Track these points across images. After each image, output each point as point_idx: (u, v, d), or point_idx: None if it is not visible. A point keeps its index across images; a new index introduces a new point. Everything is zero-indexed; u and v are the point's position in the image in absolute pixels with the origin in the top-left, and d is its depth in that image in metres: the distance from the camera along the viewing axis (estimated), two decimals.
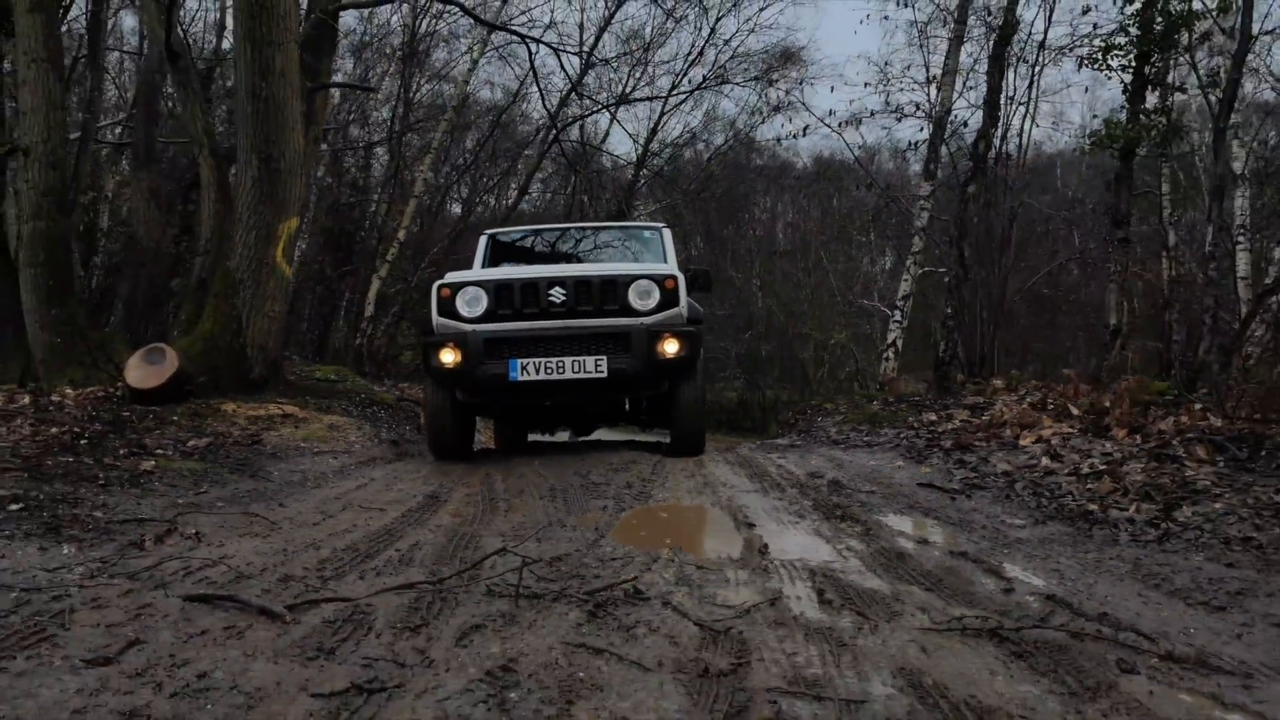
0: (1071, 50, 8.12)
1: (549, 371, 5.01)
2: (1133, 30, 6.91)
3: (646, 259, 6.61)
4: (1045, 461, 4.66)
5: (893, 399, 7.27)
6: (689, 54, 14.87)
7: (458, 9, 10.06)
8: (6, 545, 2.64)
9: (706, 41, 14.36)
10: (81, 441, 5.12)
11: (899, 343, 13.62)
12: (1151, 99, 7.16)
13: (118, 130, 13.52)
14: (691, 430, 5.49)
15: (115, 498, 3.55)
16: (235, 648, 1.85)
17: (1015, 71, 9.05)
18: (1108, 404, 5.39)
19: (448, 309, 5.23)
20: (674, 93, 13.93)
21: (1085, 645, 2.22)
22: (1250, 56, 11.75)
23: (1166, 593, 2.76)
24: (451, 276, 5.48)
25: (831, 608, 2.45)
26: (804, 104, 22.45)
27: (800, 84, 27.82)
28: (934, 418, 6.04)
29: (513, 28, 10.52)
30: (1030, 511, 3.83)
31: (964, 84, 13.92)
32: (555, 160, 13.25)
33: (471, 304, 5.23)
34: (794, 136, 19.93)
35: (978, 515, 3.75)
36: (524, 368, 5.04)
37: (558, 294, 5.18)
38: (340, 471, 4.87)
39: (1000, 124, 7.94)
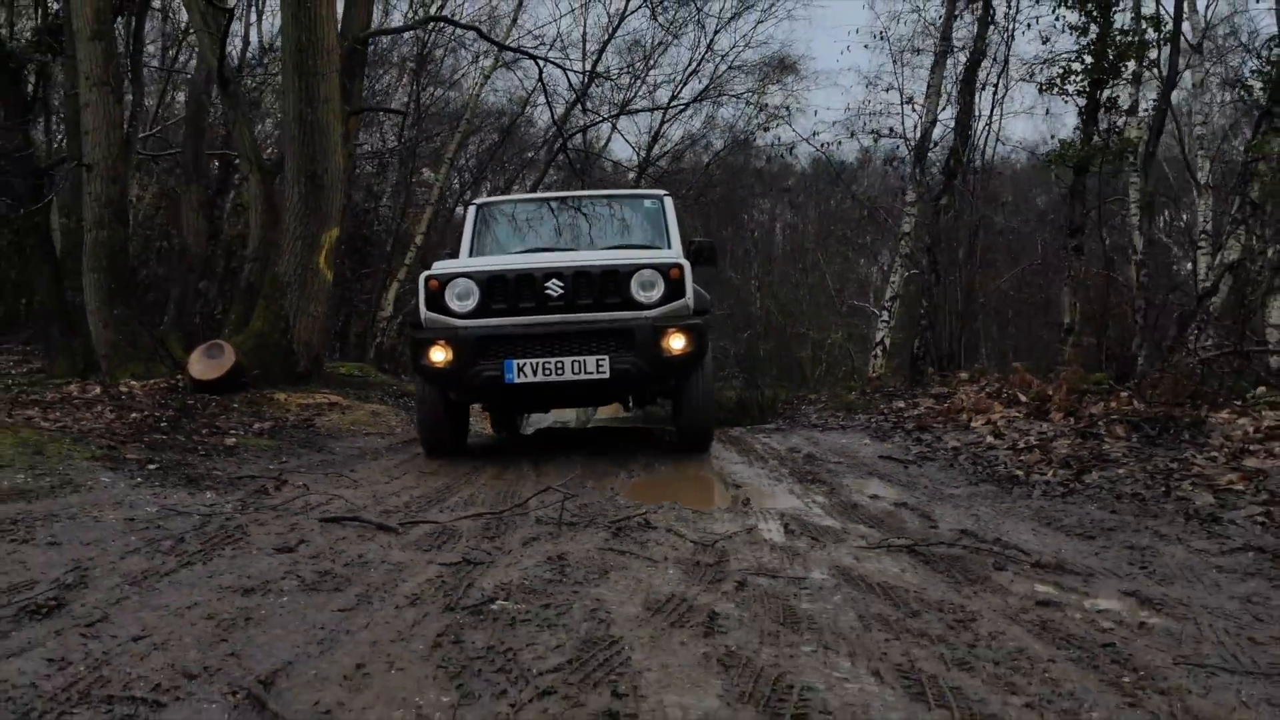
0: (1032, 77, 8.94)
1: (547, 373, 4.65)
2: (1087, 59, 7.71)
3: (648, 233, 6.19)
4: (990, 439, 5.47)
5: (870, 390, 8.07)
6: (687, 66, 15.69)
7: (469, 28, 10.87)
8: (166, 491, 3.45)
9: (703, 57, 15.18)
10: (162, 424, 5.94)
11: (887, 341, 14.45)
12: (1105, 121, 7.98)
13: (149, 141, 14.34)
14: (699, 427, 5.19)
15: (221, 463, 4.37)
16: (372, 544, 2.66)
17: (981, 95, 9.86)
18: (1050, 392, 6.20)
19: (436, 303, 4.81)
20: (673, 104, 14.74)
21: (977, 556, 3.03)
22: (1210, 73, 12.55)
23: (1055, 528, 3.57)
24: (439, 267, 5.02)
25: (793, 535, 3.26)
26: (790, 124, 23.14)
27: (793, 95, 28.58)
28: (902, 405, 6.85)
29: (523, 48, 11.38)
30: (968, 476, 4.64)
31: (946, 100, 14.72)
32: (561, 167, 14.05)
33: (462, 298, 4.80)
34: (782, 155, 20.71)
35: (923, 479, 4.56)
36: (520, 369, 4.66)
37: (555, 286, 4.78)
38: (390, 449, 5.67)
39: (969, 144, 8.76)
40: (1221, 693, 1.84)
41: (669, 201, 6.39)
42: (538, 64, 10.11)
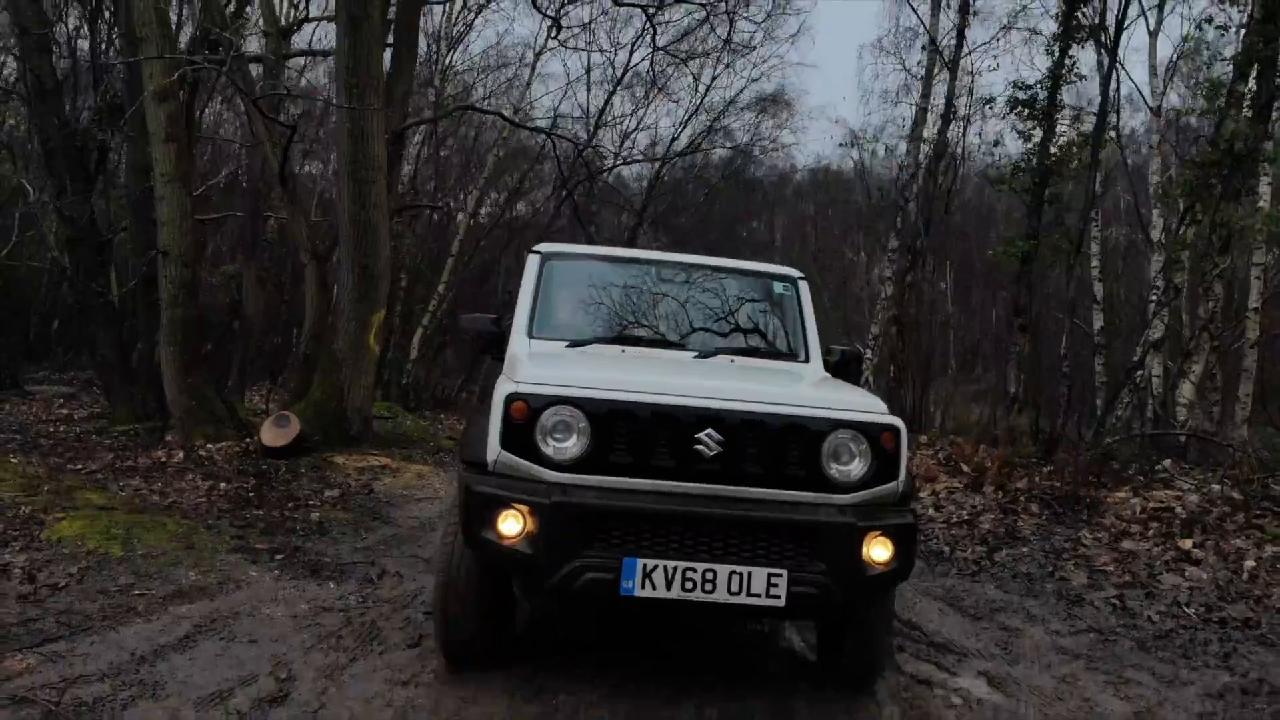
0: (984, 174, 10.14)
1: (690, 586, 3.04)
2: (1032, 160, 8.92)
3: (777, 330, 4.59)
4: (932, 511, 6.71)
5: None
6: (684, 118, 16.98)
7: (494, 114, 12.15)
8: (301, 583, 4.68)
9: (698, 108, 16.43)
10: (250, 494, 7.17)
11: (870, 380, 15.70)
12: (1048, 215, 9.16)
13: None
14: (867, 660, 3.52)
15: (322, 545, 5.59)
16: None
17: (941, 183, 11.12)
18: (988, 464, 7.44)
19: (522, 440, 3.14)
20: (670, 153, 15.99)
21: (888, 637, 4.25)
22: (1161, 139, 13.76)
23: (956, 609, 4.80)
24: (531, 377, 3.27)
25: None
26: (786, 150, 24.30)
27: (789, 129, 29.78)
28: None
29: (538, 126, 12.66)
30: None
31: (927, 152, 15.89)
32: (568, 217, 15.31)
33: (561, 436, 3.15)
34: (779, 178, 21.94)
35: None
36: (649, 575, 3.03)
37: (711, 441, 3.15)
38: (440, 516, 6.90)
39: (930, 228, 9.99)
40: None
41: (805, 287, 4.71)
42: (552, 141, 11.33)
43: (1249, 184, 7.73)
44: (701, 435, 3.15)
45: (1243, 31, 8.91)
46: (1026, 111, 8.73)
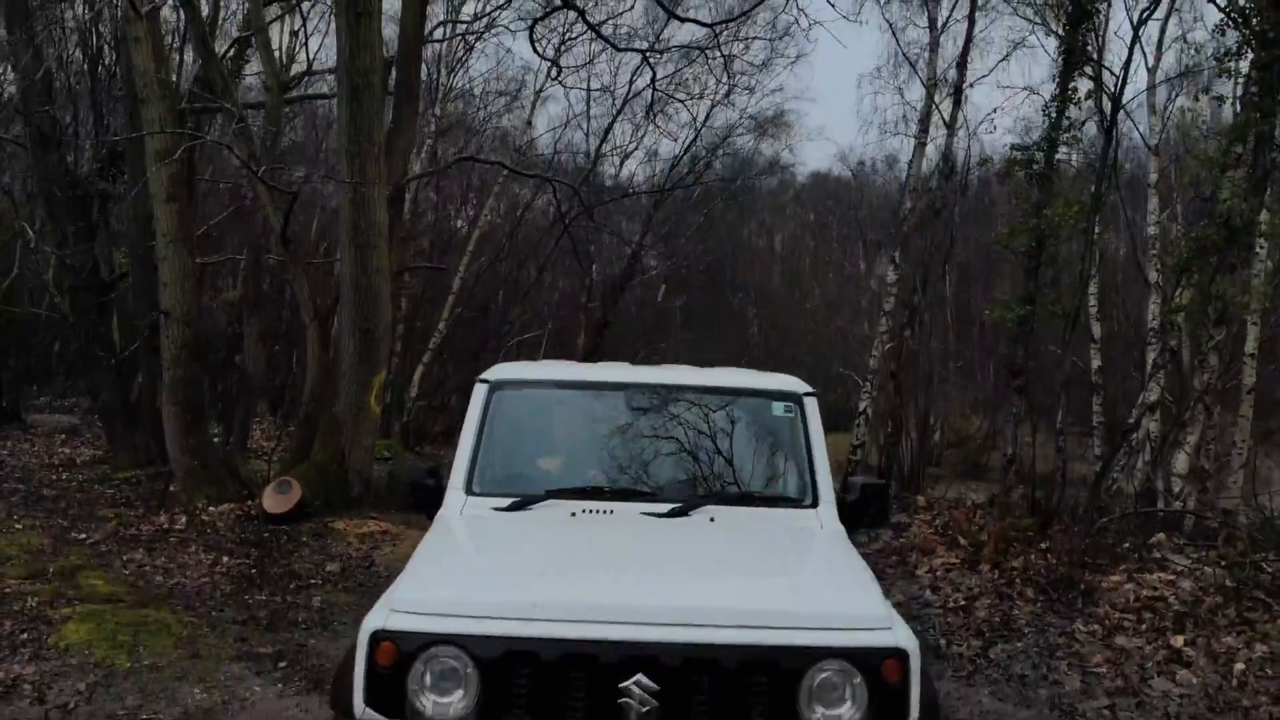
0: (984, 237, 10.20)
1: None
2: (1030, 222, 8.98)
3: (776, 465, 3.84)
4: (928, 594, 6.78)
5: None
6: (681, 152, 17.07)
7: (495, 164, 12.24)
8: (303, 699, 4.74)
9: (694, 141, 16.54)
10: (253, 570, 7.23)
11: (869, 411, 15.78)
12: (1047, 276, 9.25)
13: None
14: None
15: (324, 642, 5.64)
16: None
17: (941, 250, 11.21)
18: (985, 538, 7.51)
19: (392, 694, 2.38)
20: (669, 184, 16.08)
21: None
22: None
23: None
24: (409, 600, 2.53)
25: None
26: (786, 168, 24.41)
27: (789, 148, 29.91)
28: (864, 538, 8.16)
29: (540, 174, 12.72)
30: None
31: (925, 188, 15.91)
32: (566, 252, 15.40)
33: (445, 687, 2.38)
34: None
35: None
36: None
37: (641, 693, 2.33)
38: None
39: (926, 293, 10.08)
40: None
41: (812, 406, 3.83)
42: (554, 187, 11.39)
43: (1244, 256, 7.80)
44: (629, 685, 2.30)
45: (1240, 85, 8.96)
46: (1023, 173, 8.80)
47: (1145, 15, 8.06)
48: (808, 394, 3.88)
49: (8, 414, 16.82)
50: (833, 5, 12.03)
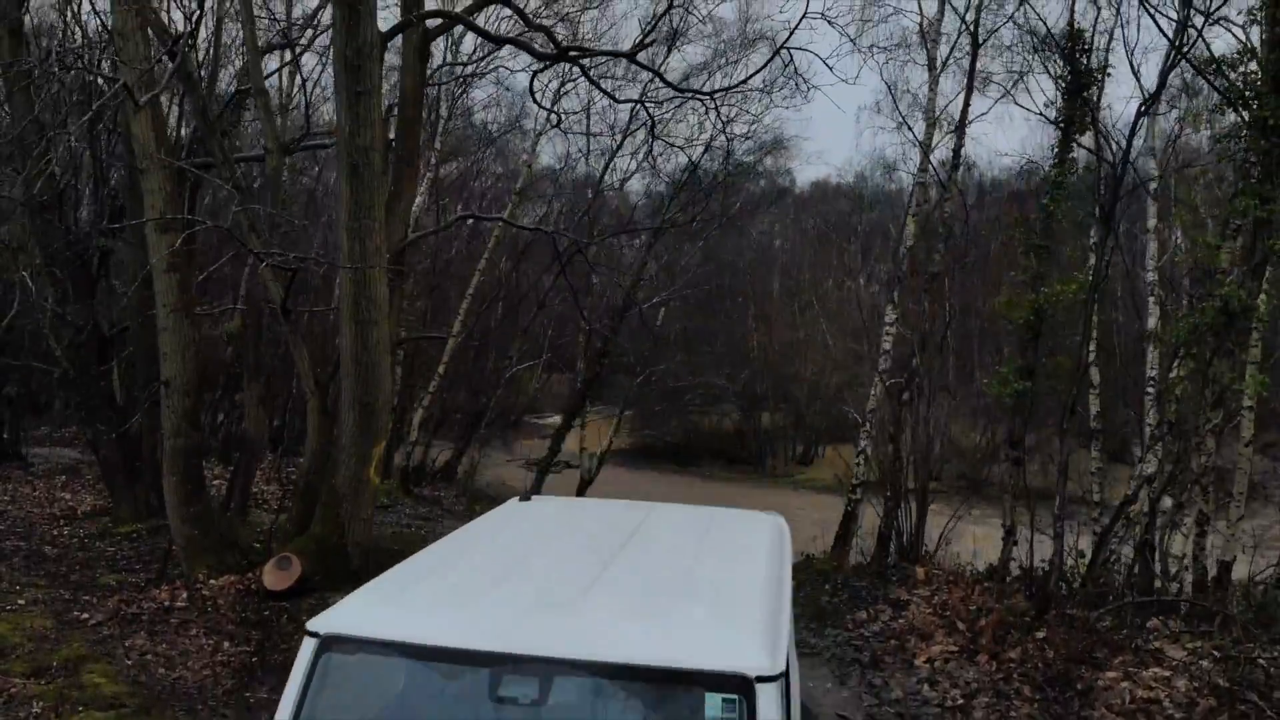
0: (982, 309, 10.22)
1: None
2: (1029, 296, 9.03)
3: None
4: (926, 689, 6.82)
5: (840, 579, 9.38)
6: (672, 194, 17.11)
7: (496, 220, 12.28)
8: None
9: (687, 179, 16.56)
10: (254, 659, 7.27)
11: (869, 450, 15.80)
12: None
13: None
14: None
15: None
16: None
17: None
18: (983, 623, 7.55)
19: None
20: (667, 221, 16.12)
21: None
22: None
23: None
24: None
25: None
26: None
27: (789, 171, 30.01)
28: (865, 616, 8.20)
29: (540, 228, 12.76)
30: None
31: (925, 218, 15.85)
32: (563, 292, 15.44)
33: None
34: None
35: None
36: None
37: None
38: None
39: (927, 347, 10.11)
40: None
41: (768, 697, 2.54)
42: (554, 240, 11.43)
43: (1242, 341, 7.84)
44: None
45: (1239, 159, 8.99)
46: (1022, 247, 8.84)
47: (1146, 108, 8.05)
48: (763, 678, 2.50)
49: (8, 451, 16.85)
50: (830, 68, 11.94)
